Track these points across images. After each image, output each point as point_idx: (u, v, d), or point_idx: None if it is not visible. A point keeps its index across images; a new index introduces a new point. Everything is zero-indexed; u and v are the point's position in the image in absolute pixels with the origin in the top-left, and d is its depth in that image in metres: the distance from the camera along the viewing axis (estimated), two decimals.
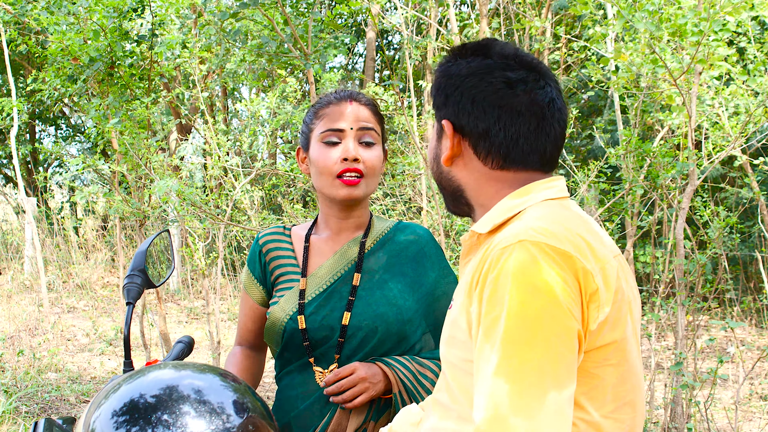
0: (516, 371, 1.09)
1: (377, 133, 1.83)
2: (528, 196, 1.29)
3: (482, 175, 1.33)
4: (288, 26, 3.95)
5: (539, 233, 1.16)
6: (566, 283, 1.13)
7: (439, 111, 1.36)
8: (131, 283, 1.49)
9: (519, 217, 1.26)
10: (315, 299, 1.83)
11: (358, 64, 13.93)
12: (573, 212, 1.29)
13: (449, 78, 1.34)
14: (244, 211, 6.72)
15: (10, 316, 7.41)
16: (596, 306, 1.16)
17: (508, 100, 1.29)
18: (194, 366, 1.25)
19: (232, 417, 1.14)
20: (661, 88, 4.20)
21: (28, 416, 4.95)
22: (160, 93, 5.97)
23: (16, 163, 8.08)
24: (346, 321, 1.78)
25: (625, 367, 1.22)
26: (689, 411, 4.10)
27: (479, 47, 1.35)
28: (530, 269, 1.12)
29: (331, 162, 1.78)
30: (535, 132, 1.30)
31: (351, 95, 1.84)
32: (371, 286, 1.82)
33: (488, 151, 1.31)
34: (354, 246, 1.87)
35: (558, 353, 1.10)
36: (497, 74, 1.30)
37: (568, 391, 1.11)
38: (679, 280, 3.89)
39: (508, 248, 1.15)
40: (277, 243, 1.94)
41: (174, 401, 1.13)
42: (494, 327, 1.12)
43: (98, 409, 1.14)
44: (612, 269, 1.20)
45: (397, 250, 1.88)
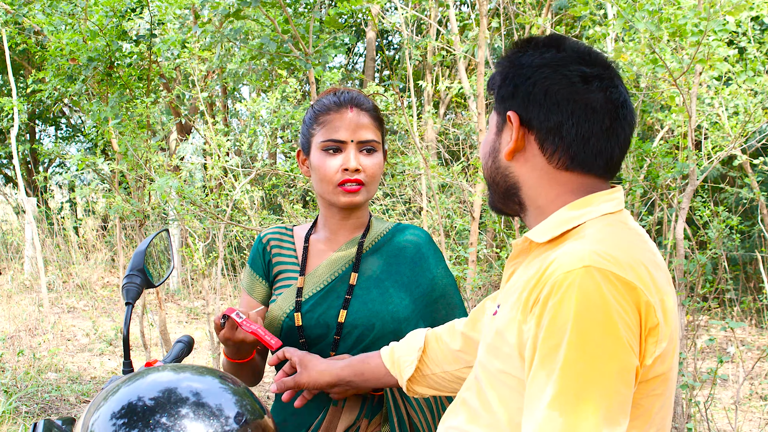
0: (571, 406, 1.06)
1: (378, 141, 1.82)
2: (588, 209, 1.23)
3: (544, 174, 1.26)
4: (289, 26, 3.95)
5: (605, 259, 1.11)
6: (629, 316, 1.09)
7: (504, 102, 1.28)
8: (130, 283, 1.49)
9: (579, 233, 1.21)
10: (312, 297, 1.84)
11: (358, 64, 13.93)
12: (632, 231, 1.23)
13: (520, 68, 1.26)
14: (244, 211, 6.72)
15: (10, 316, 7.41)
16: (655, 341, 1.12)
17: (584, 95, 1.22)
18: (193, 368, 1.25)
19: (231, 420, 1.14)
20: (660, 88, 4.20)
21: (28, 416, 4.95)
22: (159, 93, 5.97)
23: (16, 163, 8.08)
24: (342, 318, 1.79)
25: (667, 395, 1.19)
26: (689, 411, 4.10)
27: (551, 40, 1.29)
28: (594, 299, 1.08)
29: (332, 171, 1.78)
30: (606, 132, 1.23)
31: (352, 100, 1.82)
32: (368, 286, 1.83)
33: (556, 147, 1.24)
34: (352, 246, 1.88)
35: (615, 390, 1.07)
36: (573, 68, 1.24)
37: (621, 429, 1.08)
38: (678, 281, 3.89)
39: (572, 273, 1.10)
40: (280, 242, 1.95)
41: (172, 404, 1.12)
42: (553, 356, 1.09)
43: (97, 411, 1.14)
44: (670, 300, 1.17)
45: (394, 252, 1.88)
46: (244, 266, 2.02)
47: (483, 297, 6.86)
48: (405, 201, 7.32)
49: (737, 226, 5.01)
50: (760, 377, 5.74)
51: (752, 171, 5.27)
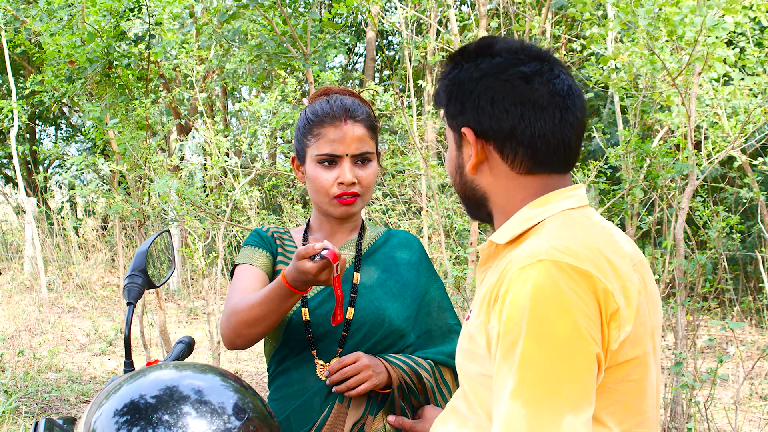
0: (532, 395, 1.08)
1: (372, 151, 1.84)
2: (547, 206, 1.26)
3: (509, 181, 1.29)
4: (287, 26, 3.95)
5: (559, 251, 1.14)
6: (586, 305, 1.11)
7: (455, 120, 1.31)
8: (132, 284, 1.50)
9: (538, 231, 1.23)
10: (318, 294, 1.85)
11: (358, 64, 13.93)
12: (593, 223, 1.25)
13: (460, 84, 1.29)
14: (244, 211, 6.72)
15: (10, 316, 7.41)
16: (617, 325, 1.14)
17: (529, 95, 1.24)
18: (195, 366, 1.25)
19: (233, 417, 1.14)
20: (659, 89, 4.21)
21: (28, 416, 4.95)
22: (159, 93, 5.97)
23: (16, 163, 8.08)
24: (350, 316, 1.80)
25: (646, 382, 1.21)
26: (689, 411, 4.10)
27: (482, 47, 1.31)
28: (549, 291, 1.10)
29: (328, 184, 1.80)
30: (560, 124, 1.26)
31: (346, 111, 1.81)
32: (371, 285, 1.85)
33: (516, 152, 1.26)
34: (350, 248, 1.91)
35: (575, 377, 1.09)
36: (511, 71, 1.26)
37: (586, 415, 1.10)
38: (678, 280, 3.89)
39: (527, 268, 1.13)
40: (282, 239, 1.96)
41: (175, 401, 1.13)
42: (512, 349, 1.11)
43: (99, 409, 1.14)
44: (633, 286, 1.18)
45: (391, 254, 1.92)
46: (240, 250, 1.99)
47: None
48: (405, 201, 7.32)
49: (737, 226, 5.01)
50: (760, 377, 5.74)
51: (752, 171, 5.28)
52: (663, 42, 3.76)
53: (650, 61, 3.67)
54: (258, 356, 6.69)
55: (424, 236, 6.14)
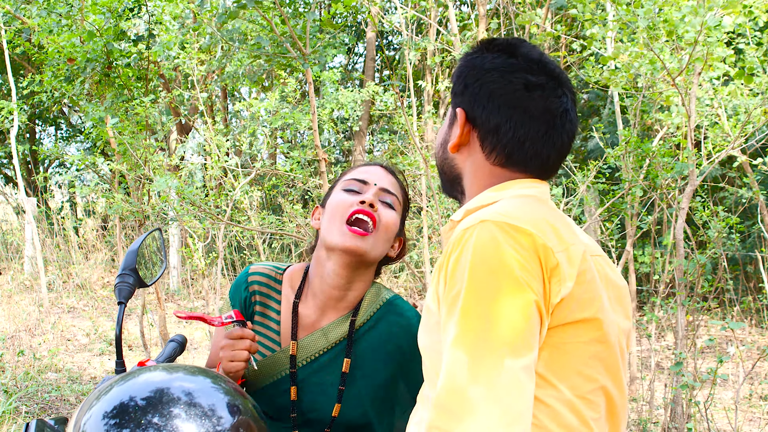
0: (472, 342, 1.11)
1: (399, 202, 1.74)
2: (505, 191, 1.32)
3: (481, 168, 1.35)
4: (286, 26, 3.94)
5: (500, 214, 1.19)
6: (525, 259, 1.15)
7: (456, 98, 1.38)
8: (123, 283, 1.49)
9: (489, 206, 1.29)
10: (303, 371, 1.72)
11: (358, 64, 13.93)
12: (549, 207, 1.31)
13: (472, 69, 1.36)
14: (244, 211, 6.72)
15: (10, 316, 7.41)
16: (558, 280, 1.18)
17: (523, 102, 1.31)
18: (185, 368, 1.25)
19: (223, 419, 1.14)
20: (659, 89, 4.20)
21: (28, 416, 4.95)
22: (159, 93, 5.96)
23: (16, 163, 8.08)
24: (336, 413, 1.68)
25: (598, 348, 1.22)
26: (689, 411, 4.09)
27: (507, 45, 1.37)
28: (488, 246, 1.15)
29: (347, 204, 1.67)
30: (542, 138, 1.32)
31: (383, 164, 1.81)
32: (361, 375, 1.70)
33: (494, 147, 1.33)
34: (342, 325, 1.72)
35: (513, 324, 1.12)
36: (518, 75, 1.32)
37: (526, 360, 1.12)
38: (678, 280, 3.89)
39: (470, 229, 1.19)
40: (266, 287, 1.79)
41: (165, 404, 1.12)
42: (454, 303, 1.15)
43: (89, 411, 1.14)
44: (577, 251, 1.23)
45: (383, 339, 1.72)
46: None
47: None
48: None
49: (737, 226, 5.00)
50: (760, 377, 5.73)
51: (752, 171, 5.27)
52: (663, 42, 3.75)
53: (650, 61, 3.66)
54: None
55: (424, 236, 6.13)
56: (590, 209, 4.99)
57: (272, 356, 1.72)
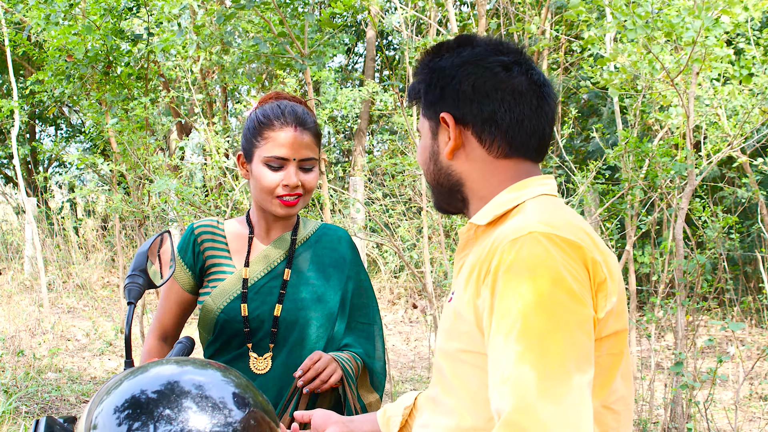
0: (540, 359, 1.10)
1: (316, 158, 1.94)
2: (525, 190, 1.30)
3: (485, 165, 1.33)
4: (284, 27, 3.95)
5: (546, 225, 1.18)
6: (577, 271, 1.15)
7: (433, 107, 1.35)
8: (132, 283, 1.50)
9: (520, 211, 1.27)
10: (256, 293, 1.95)
11: (358, 64, 13.93)
12: (568, 209, 1.31)
13: (441, 71, 1.33)
14: (243, 211, 6.72)
15: (10, 316, 7.41)
16: (604, 295, 1.18)
17: (509, 81, 1.29)
18: (195, 361, 1.26)
19: (234, 412, 1.15)
20: (658, 89, 4.21)
21: (28, 416, 4.95)
22: (158, 93, 5.97)
23: (16, 163, 8.07)
24: (278, 312, 1.91)
25: (623, 359, 1.24)
26: (689, 411, 4.10)
27: (462, 40, 1.36)
28: (543, 260, 1.14)
29: (273, 185, 1.88)
30: (536, 112, 1.31)
31: (296, 119, 1.90)
32: (299, 282, 1.96)
33: (494, 136, 1.30)
34: (283, 243, 2.00)
35: (577, 340, 1.12)
36: (491, 59, 1.31)
37: (589, 376, 1.12)
38: (678, 281, 3.89)
39: (519, 240, 1.16)
40: (212, 235, 2.03)
41: (176, 396, 1.13)
42: (510, 318, 1.13)
43: (100, 404, 1.15)
44: (613, 261, 1.23)
45: (320, 253, 2.02)
46: None
47: None
48: (405, 201, 7.33)
49: (736, 226, 5.01)
50: (760, 377, 5.74)
51: (751, 170, 5.28)
52: (662, 42, 3.76)
53: (648, 62, 3.67)
54: None
55: (424, 236, 6.13)
56: (590, 209, 5.00)
57: (228, 279, 1.96)
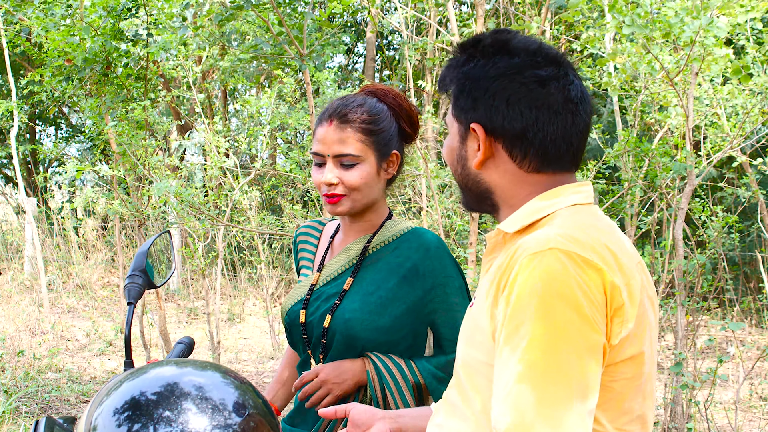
0: (542, 379, 1.09)
1: (357, 154, 1.83)
2: (557, 199, 1.27)
3: (515, 178, 1.29)
4: (283, 27, 3.95)
5: (570, 242, 1.15)
6: (594, 295, 1.12)
7: (465, 113, 1.31)
8: (132, 284, 1.50)
9: (548, 221, 1.25)
10: (313, 294, 1.92)
11: (358, 64, 13.93)
12: (599, 219, 1.27)
13: (476, 80, 1.29)
14: (243, 211, 6.73)
15: (10, 316, 7.41)
16: (620, 321, 1.15)
17: (544, 99, 1.25)
18: (195, 363, 1.26)
19: (234, 414, 1.15)
20: (657, 89, 4.20)
21: (28, 416, 4.95)
22: (158, 93, 5.96)
23: (16, 163, 8.07)
24: (327, 323, 1.85)
25: (640, 380, 1.21)
26: (689, 411, 4.10)
27: (499, 44, 1.30)
28: (560, 278, 1.11)
29: (317, 183, 1.87)
30: (570, 129, 1.27)
31: (335, 112, 1.84)
32: (358, 293, 1.85)
33: (525, 153, 1.27)
34: (356, 246, 1.92)
35: (583, 364, 1.10)
36: (528, 73, 1.26)
37: (591, 403, 1.11)
38: (678, 280, 3.89)
39: (538, 254, 1.14)
40: (308, 236, 2.05)
41: (176, 398, 1.13)
42: (518, 332, 1.12)
43: (100, 406, 1.15)
44: (637, 284, 1.20)
45: (394, 261, 1.87)
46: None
47: None
48: (405, 201, 7.33)
49: (736, 226, 5.01)
50: (760, 377, 5.74)
51: (751, 170, 5.28)
52: (661, 42, 3.76)
53: (647, 62, 3.67)
54: (258, 356, 6.69)
55: None
56: None
57: (303, 281, 1.96)
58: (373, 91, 1.93)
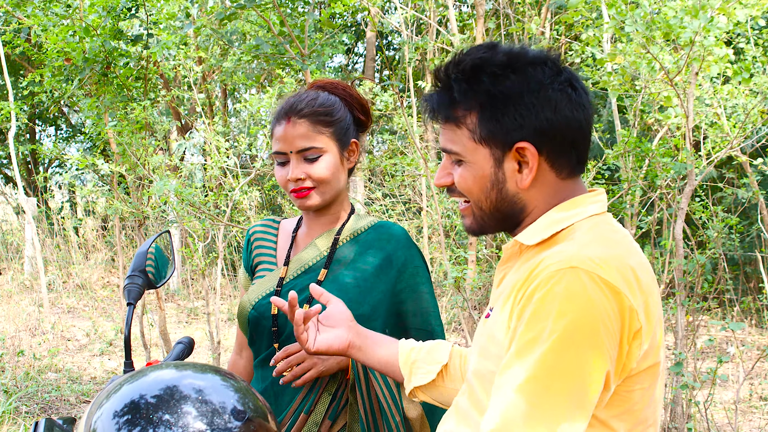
0: (538, 393, 1.10)
1: (318, 146, 1.85)
2: (576, 210, 1.26)
3: (552, 188, 1.27)
4: (284, 27, 3.95)
5: (592, 261, 1.14)
6: (611, 321, 1.12)
7: (505, 135, 1.23)
8: (132, 284, 1.50)
9: (569, 236, 1.23)
10: (284, 287, 1.92)
11: (358, 65, 13.93)
12: (618, 232, 1.26)
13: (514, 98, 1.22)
14: (243, 211, 6.73)
15: (10, 316, 7.41)
16: (638, 344, 1.15)
17: (578, 101, 1.25)
18: (195, 366, 1.25)
19: (234, 417, 1.15)
20: (657, 89, 4.20)
21: (28, 416, 4.95)
22: (158, 93, 5.96)
23: (14, 163, 8.07)
24: None
25: (654, 389, 1.22)
26: (689, 411, 4.10)
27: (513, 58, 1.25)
28: (579, 300, 1.11)
29: (283, 182, 1.89)
30: (590, 126, 1.28)
31: (290, 110, 1.86)
32: (333, 283, 1.88)
33: (569, 159, 1.26)
34: (326, 241, 1.94)
35: (582, 388, 1.10)
36: (559, 78, 1.25)
37: (579, 427, 1.11)
38: (678, 281, 3.89)
39: (560, 272, 1.13)
40: (264, 234, 2.05)
41: (175, 401, 1.13)
42: (531, 346, 1.12)
43: (99, 409, 1.14)
44: (654, 300, 1.20)
45: (365, 252, 1.92)
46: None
47: (483, 297, 6.86)
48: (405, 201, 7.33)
49: (736, 226, 5.01)
50: (760, 377, 5.74)
51: (751, 170, 5.28)
52: (660, 42, 3.75)
53: (647, 62, 3.66)
54: None
55: (424, 236, 6.13)
56: None
57: (267, 276, 1.95)
58: (322, 86, 1.96)
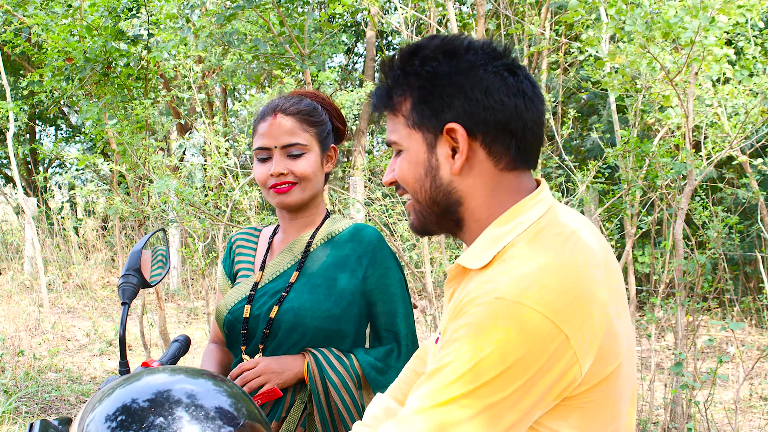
0: (437, 427, 1.06)
1: (304, 143, 1.90)
2: (516, 221, 1.19)
3: (491, 180, 1.21)
4: (284, 27, 3.95)
5: (537, 296, 1.07)
6: (546, 365, 1.06)
7: (435, 117, 1.20)
8: (126, 283, 1.49)
9: (510, 255, 1.15)
10: (258, 291, 1.94)
11: (358, 65, 13.93)
12: (561, 234, 1.18)
13: (445, 78, 1.19)
14: (243, 211, 6.72)
15: (10, 316, 7.41)
16: (574, 371, 1.09)
17: (518, 85, 1.19)
18: (187, 370, 1.25)
19: (226, 422, 1.14)
20: (657, 89, 4.20)
21: (28, 416, 4.95)
22: (158, 93, 5.96)
23: (13, 164, 8.07)
24: (274, 314, 1.87)
25: (620, 390, 1.17)
26: (689, 411, 4.10)
27: (450, 43, 1.22)
28: (515, 339, 1.05)
29: (264, 177, 1.91)
30: (540, 118, 1.21)
31: (276, 107, 1.91)
32: (305, 285, 1.89)
33: (507, 146, 1.19)
34: (299, 245, 1.97)
35: (487, 424, 1.06)
36: (496, 62, 1.20)
37: None
38: (678, 281, 3.89)
39: (502, 303, 1.07)
40: (245, 241, 2.08)
41: (168, 406, 1.12)
42: (451, 366, 1.08)
43: (92, 412, 1.14)
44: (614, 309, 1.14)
45: (338, 254, 1.94)
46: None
47: None
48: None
49: (736, 226, 5.01)
50: (760, 377, 5.73)
51: (751, 170, 5.27)
52: (660, 42, 3.75)
53: (648, 62, 3.66)
54: None
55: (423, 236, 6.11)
56: (590, 209, 5.00)
57: (243, 282, 1.98)
58: (302, 94, 2.00)
